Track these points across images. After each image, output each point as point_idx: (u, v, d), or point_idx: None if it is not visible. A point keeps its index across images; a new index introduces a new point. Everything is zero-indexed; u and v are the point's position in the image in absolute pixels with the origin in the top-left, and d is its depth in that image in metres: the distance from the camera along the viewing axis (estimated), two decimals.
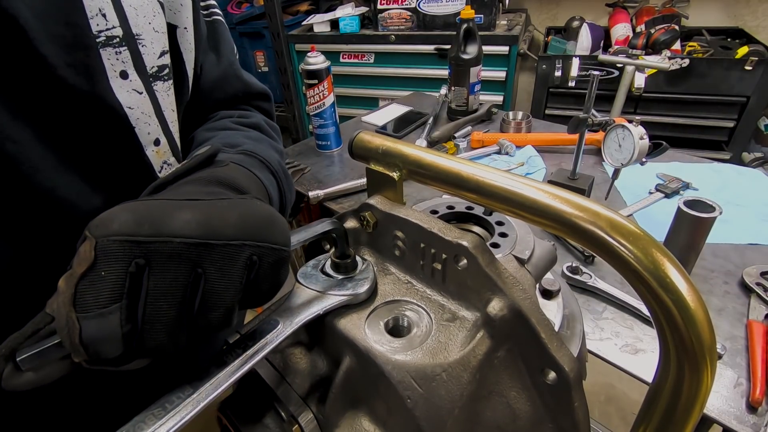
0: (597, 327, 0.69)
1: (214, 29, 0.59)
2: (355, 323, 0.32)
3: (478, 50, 1.25)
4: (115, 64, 0.40)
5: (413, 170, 0.34)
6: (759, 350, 0.61)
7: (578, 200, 0.25)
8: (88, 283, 0.25)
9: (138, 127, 0.43)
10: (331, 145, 1.27)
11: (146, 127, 0.44)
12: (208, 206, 0.30)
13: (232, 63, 0.61)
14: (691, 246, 0.72)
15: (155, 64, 0.44)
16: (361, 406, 0.33)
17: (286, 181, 0.53)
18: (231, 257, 0.28)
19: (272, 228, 0.31)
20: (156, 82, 0.45)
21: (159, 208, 0.28)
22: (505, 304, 0.30)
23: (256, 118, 0.61)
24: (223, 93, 0.61)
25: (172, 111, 0.48)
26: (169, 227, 0.27)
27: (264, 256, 0.29)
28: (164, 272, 0.26)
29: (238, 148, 0.49)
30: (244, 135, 0.54)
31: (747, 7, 2.08)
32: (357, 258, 0.37)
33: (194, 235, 0.27)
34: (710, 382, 0.24)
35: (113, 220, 0.26)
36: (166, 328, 0.27)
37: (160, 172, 0.47)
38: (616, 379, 1.67)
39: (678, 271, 0.22)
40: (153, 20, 0.44)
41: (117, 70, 0.40)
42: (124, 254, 0.25)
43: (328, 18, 2.34)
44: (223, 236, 0.28)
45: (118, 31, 0.40)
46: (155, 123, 0.45)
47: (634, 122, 0.81)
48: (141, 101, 0.43)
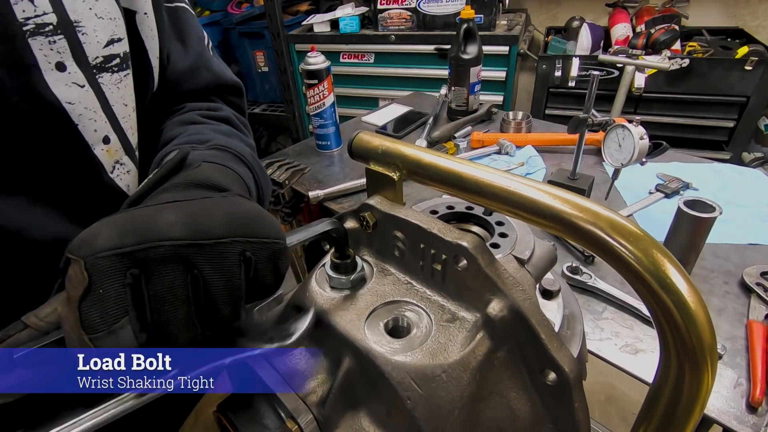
0: (597, 327, 0.69)
1: (177, 17, 0.55)
2: (355, 324, 0.32)
3: (478, 50, 1.25)
4: (49, 55, 0.35)
5: (413, 170, 0.34)
6: (759, 350, 0.61)
7: (578, 200, 0.25)
8: (90, 304, 0.25)
9: (82, 124, 0.39)
10: (331, 145, 1.27)
11: (92, 124, 0.39)
12: (191, 206, 0.29)
13: (200, 53, 0.58)
14: (691, 246, 0.72)
15: (100, 54, 0.40)
16: (361, 407, 0.33)
17: (262, 174, 0.51)
18: (224, 256, 0.28)
19: (261, 222, 0.30)
20: (102, 73, 0.40)
21: (140, 216, 0.27)
22: (505, 304, 0.30)
23: (225, 111, 0.59)
24: (192, 85, 0.57)
25: (124, 105, 0.43)
26: (155, 232, 0.26)
27: (258, 251, 0.29)
28: (161, 277, 0.26)
29: (208, 144, 0.46)
30: (214, 129, 0.52)
31: (747, 7, 2.08)
32: (357, 258, 0.37)
33: (182, 236, 0.27)
34: (711, 383, 0.24)
35: (96, 237, 0.26)
36: (178, 329, 0.27)
37: (111, 172, 0.43)
38: (616, 379, 1.66)
39: (678, 271, 0.22)
40: (96, 5, 0.39)
41: (52, 61, 0.36)
42: (116, 268, 0.25)
43: (328, 18, 2.34)
44: (212, 235, 0.27)
45: (50, 18, 0.35)
46: (102, 119, 0.40)
47: (634, 122, 0.81)
48: (83, 95, 0.38)
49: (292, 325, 0.33)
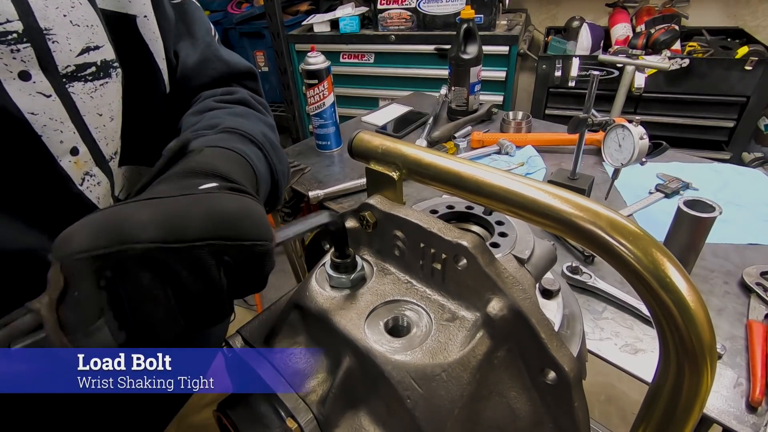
0: (597, 327, 0.69)
1: (184, 11, 0.55)
2: (355, 323, 0.32)
3: (478, 50, 1.25)
4: (11, 64, 0.34)
5: (413, 170, 0.34)
6: (759, 350, 0.61)
7: (578, 200, 0.25)
8: (67, 306, 0.25)
9: (46, 135, 0.37)
10: (331, 145, 1.27)
11: (57, 135, 0.38)
12: (169, 204, 0.28)
13: (209, 44, 0.57)
14: (691, 246, 0.72)
15: (72, 62, 0.38)
16: (361, 406, 0.33)
17: (274, 152, 0.50)
18: (198, 260, 0.27)
19: (242, 223, 0.29)
20: (73, 82, 0.39)
21: (116, 215, 0.27)
22: (504, 304, 0.30)
23: (241, 93, 0.58)
24: (205, 77, 0.57)
25: (98, 115, 0.41)
26: (127, 234, 0.26)
27: (237, 255, 0.28)
28: (135, 279, 0.26)
29: (217, 128, 0.45)
30: (228, 112, 0.51)
31: (747, 7, 2.08)
32: (357, 258, 0.37)
33: (155, 238, 0.26)
34: (710, 382, 0.24)
35: (72, 238, 0.25)
36: (159, 328, 0.27)
37: (81, 184, 0.41)
38: (616, 379, 1.66)
39: (678, 271, 0.22)
40: (71, 12, 0.38)
41: (14, 70, 0.34)
42: (89, 271, 0.25)
43: (328, 18, 2.34)
44: (185, 238, 0.27)
45: (16, 26, 0.34)
46: (70, 129, 0.39)
47: (634, 122, 0.81)
48: (49, 105, 0.37)
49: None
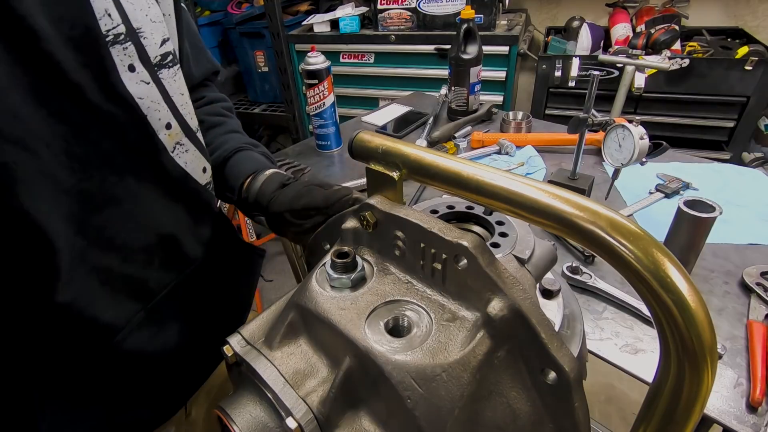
0: (597, 327, 0.69)
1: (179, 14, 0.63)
2: (355, 323, 0.32)
3: (478, 50, 1.25)
4: (123, 59, 0.43)
5: (413, 170, 0.34)
6: (759, 350, 0.61)
7: (578, 200, 0.25)
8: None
9: (149, 114, 0.46)
10: (331, 145, 1.27)
11: (157, 114, 0.47)
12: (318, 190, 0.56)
13: (196, 44, 0.66)
14: (691, 246, 0.72)
15: (158, 53, 0.47)
16: (361, 406, 0.33)
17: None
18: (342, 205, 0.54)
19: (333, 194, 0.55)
20: (161, 70, 0.48)
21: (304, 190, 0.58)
22: (505, 304, 0.30)
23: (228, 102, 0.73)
24: (199, 74, 0.67)
25: (181, 95, 0.51)
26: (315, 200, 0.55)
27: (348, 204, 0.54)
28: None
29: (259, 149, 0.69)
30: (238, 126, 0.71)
31: (747, 7, 2.08)
32: (357, 258, 0.37)
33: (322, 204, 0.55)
34: (711, 382, 0.24)
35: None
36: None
37: (173, 152, 0.50)
38: (616, 379, 1.67)
39: (678, 270, 0.22)
40: (149, 11, 0.46)
41: (125, 64, 0.43)
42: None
43: (328, 18, 2.34)
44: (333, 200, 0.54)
45: (122, 28, 0.42)
46: (165, 109, 0.48)
47: (634, 122, 0.81)
48: (149, 90, 0.46)
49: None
